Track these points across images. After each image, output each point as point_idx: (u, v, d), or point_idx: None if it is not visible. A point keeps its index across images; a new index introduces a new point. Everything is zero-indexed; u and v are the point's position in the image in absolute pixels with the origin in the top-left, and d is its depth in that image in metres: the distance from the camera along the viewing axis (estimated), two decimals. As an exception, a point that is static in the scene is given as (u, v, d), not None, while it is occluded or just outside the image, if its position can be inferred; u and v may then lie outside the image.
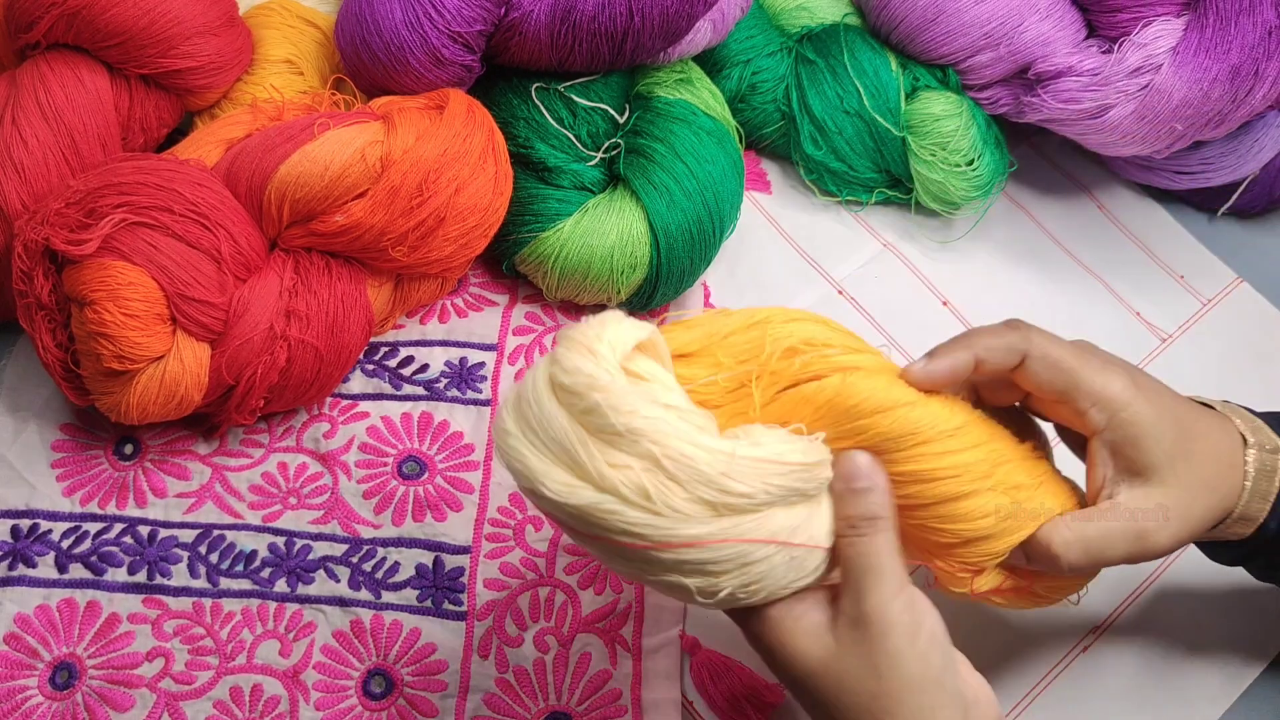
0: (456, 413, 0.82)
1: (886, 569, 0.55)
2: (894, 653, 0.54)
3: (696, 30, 0.83)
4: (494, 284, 0.87)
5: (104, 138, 0.79)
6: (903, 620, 0.54)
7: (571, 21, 0.78)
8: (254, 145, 0.77)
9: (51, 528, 0.76)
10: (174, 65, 0.80)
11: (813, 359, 0.57)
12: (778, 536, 0.54)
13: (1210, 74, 0.82)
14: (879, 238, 0.93)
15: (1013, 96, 0.90)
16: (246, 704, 0.72)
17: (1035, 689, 0.77)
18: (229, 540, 0.77)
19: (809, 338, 0.58)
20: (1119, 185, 0.98)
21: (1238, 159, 0.90)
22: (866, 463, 0.56)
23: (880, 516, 0.56)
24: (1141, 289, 0.93)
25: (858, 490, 0.56)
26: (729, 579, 0.54)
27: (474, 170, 0.77)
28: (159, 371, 0.72)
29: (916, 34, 0.89)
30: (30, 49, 0.80)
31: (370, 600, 0.75)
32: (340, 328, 0.78)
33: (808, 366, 0.57)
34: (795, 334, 0.57)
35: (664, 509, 0.51)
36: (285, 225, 0.77)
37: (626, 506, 0.51)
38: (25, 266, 0.72)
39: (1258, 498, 0.63)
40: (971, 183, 0.90)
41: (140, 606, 0.74)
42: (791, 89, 0.91)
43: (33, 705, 0.71)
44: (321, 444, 0.80)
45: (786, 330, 0.57)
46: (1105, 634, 0.79)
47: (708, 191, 0.82)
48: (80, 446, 0.79)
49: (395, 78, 0.80)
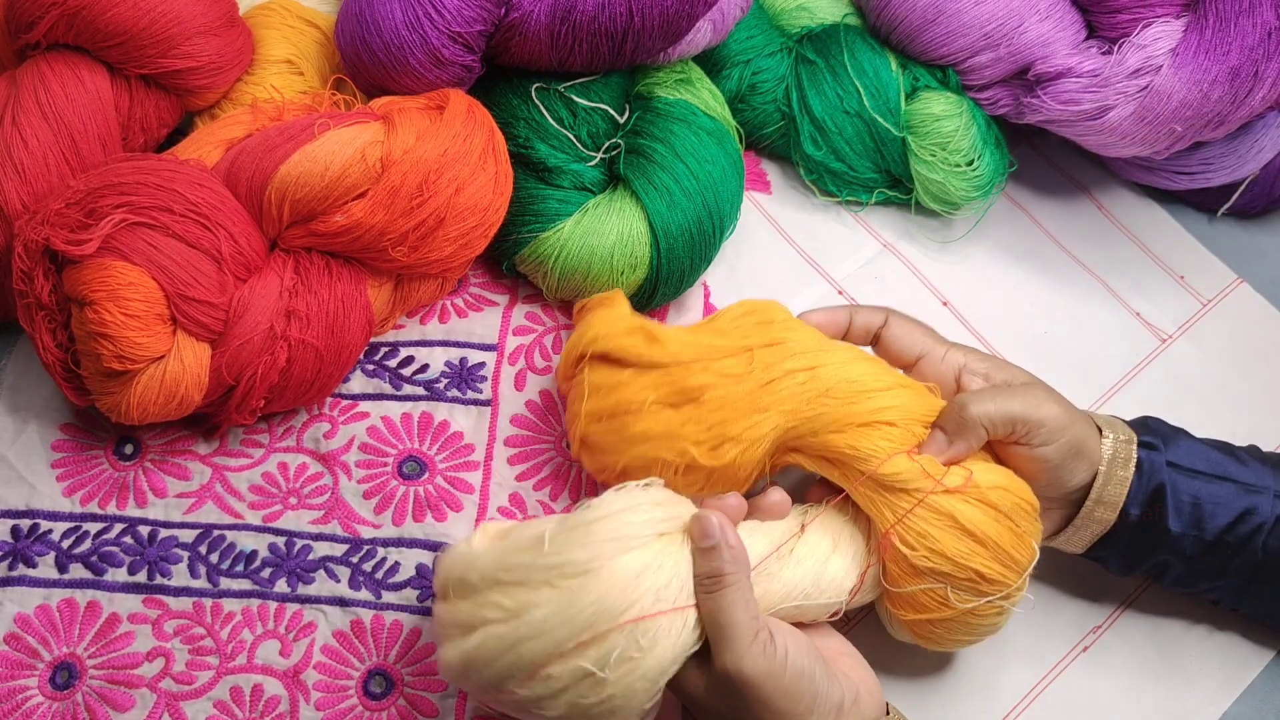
0: (456, 413, 0.82)
1: (737, 624, 0.60)
2: (762, 699, 0.60)
3: (696, 30, 0.83)
4: (494, 284, 0.87)
5: (104, 138, 0.79)
6: (759, 669, 0.60)
7: (571, 21, 0.78)
8: (254, 145, 0.77)
9: (52, 528, 0.76)
10: (174, 65, 0.80)
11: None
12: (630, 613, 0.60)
13: (1210, 75, 0.82)
14: (879, 238, 0.93)
15: (1013, 97, 0.90)
16: (247, 704, 0.72)
17: (1035, 689, 0.77)
18: (229, 540, 0.77)
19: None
20: (1119, 185, 0.98)
21: (1237, 159, 0.90)
22: (715, 522, 0.62)
23: (726, 573, 0.61)
24: (1141, 289, 0.93)
25: (705, 549, 0.61)
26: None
27: (474, 170, 0.77)
28: (159, 371, 0.72)
29: (916, 34, 0.89)
30: (30, 49, 0.80)
31: (370, 600, 0.75)
32: (340, 328, 0.78)
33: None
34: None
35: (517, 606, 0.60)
36: (285, 225, 0.77)
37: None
38: (25, 266, 0.72)
39: (1114, 482, 0.70)
40: (971, 183, 0.90)
41: (140, 606, 0.74)
42: (791, 89, 0.91)
43: (33, 705, 0.71)
44: (322, 444, 0.80)
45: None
46: (1105, 634, 0.79)
47: (708, 191, 0.82)
48: (80, 446, 0.79)
49: (395, 78, 0.80)
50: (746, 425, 0.69)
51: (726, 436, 0.69)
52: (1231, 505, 0.71)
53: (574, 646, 0.58)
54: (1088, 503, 0.70)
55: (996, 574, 0.66)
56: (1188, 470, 0.71)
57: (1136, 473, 0.70)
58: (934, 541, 0.66)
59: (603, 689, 0.59)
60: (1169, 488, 0.70)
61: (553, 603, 0.59)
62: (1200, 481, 0.71)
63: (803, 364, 0.70)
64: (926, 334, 0.74)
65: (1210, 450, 0.73)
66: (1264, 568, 0.71)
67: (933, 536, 0.66)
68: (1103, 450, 0.70)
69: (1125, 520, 0.71)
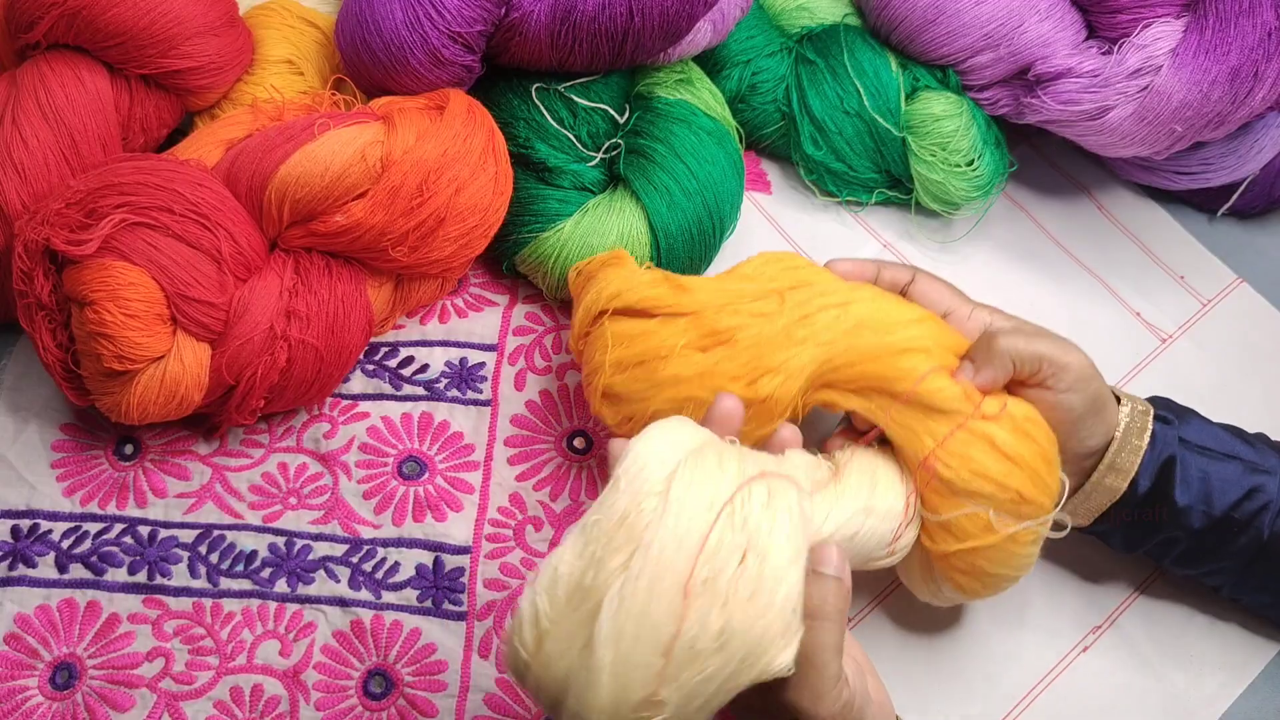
0: (456, 413, 0.82)
1: (825, 664, 0.57)
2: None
3: (696, 30, 0.83)
4: (494, 284, 0.87)
5: (104, 138, 0.79)
6: (831, 713, 0.57)
7: (571, 22, 0.78)
8: (254, 145, 0.77)
9: (51, 528, 0.76)
10: (174, 65, 0.80)
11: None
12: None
13: (1210, 75, 0.82)
14: (879, 238, 0.93)
15: (1013, 97, 0.90)
16: (246, 704, 0.72)
17: (1035, 689, 0.77)
18: (229, 540, 0.77)
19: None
20: (1119, 185, 0.98)
21: (1237, 159, 0.90)
22: (836, 554, 0.58)
23: (830, 608, 0.57)
24: (1141, 289, 0.93)
25: (819, 575, 0.57)
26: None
27: (474, 170, 0.77)
28: (159, 371, 0.72)
29: (916, 34, 0.89)
30: (30, 49, 0.80)
31: (370, 600, 0.75)
32: (340, 328, 0.78)
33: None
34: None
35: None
36: (285, 225, 0.77)
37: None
38: (25, 266, 0.72)
39: (1128, 450, 0.70)
40: (971, 183, 0.90)
41: (140, 606, 0.74)
42: (791, 89, 0.91)
43: (33, 705, 0.71)
44: (322, 444, 0.80)
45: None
46: (1106, 634, 0.79)
47: (708, 192, 0.82)
48: (80, 446, 0.79)
49: (395, 78, 0.80)
50: (785, 357, 0.69)
51: (765, 369, 0.69)
52: (1240, 483, 0.71)
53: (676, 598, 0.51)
54: (1100, 468, 0.71)
55: (1035, 496, 0.66)
56: (1198, 447, 0.72)
57: (1150, 444, 0.71)
58: (975, 463, 0.66)
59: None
60: (1179, 461, 0.71)
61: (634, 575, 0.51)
62: (1210, 459, 0.72)
63: (834, 300, 0.70)
64: (953, 293, 0.75)
65: (1220, 431, 0.74)
66: (1268, 550, 0.72)
67: (974, 459, 0.66)
68: (1120, 417, 0.71)
69: (1134, 491, 0.71)
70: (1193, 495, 0.71)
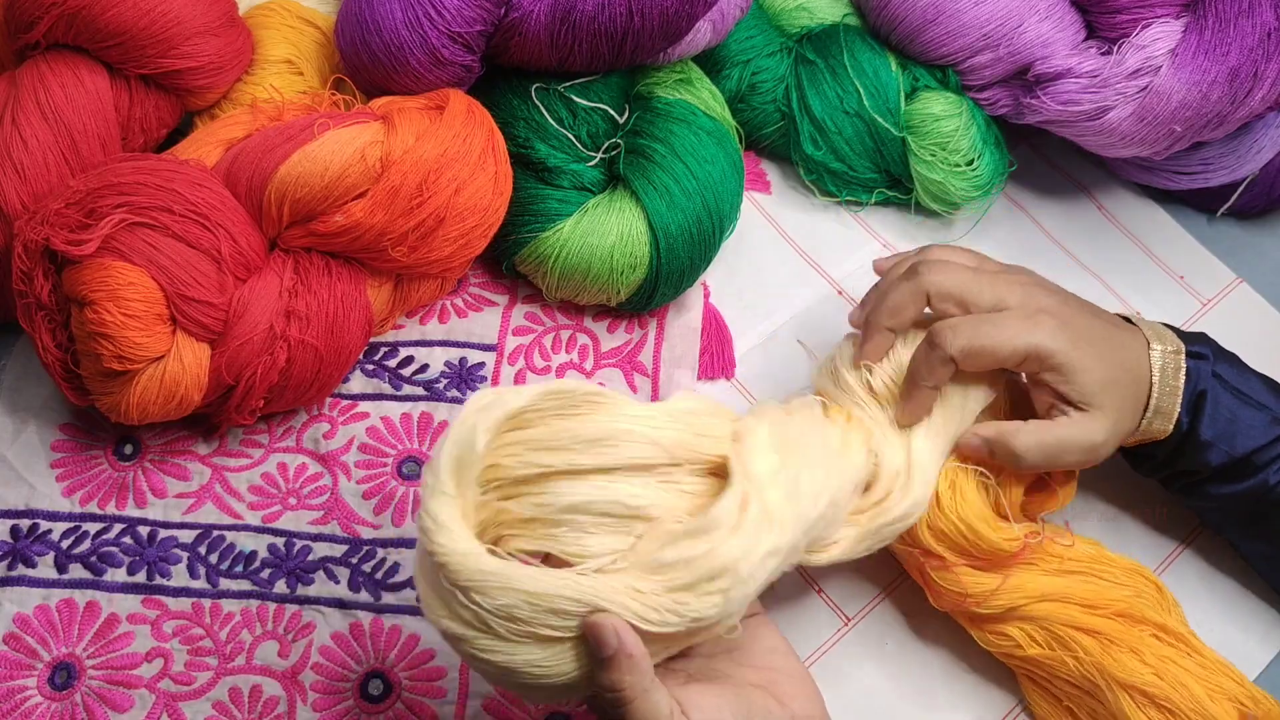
0: (456, 413, 0.81)
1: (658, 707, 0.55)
2: None
3: (696, 30, 0.83)
4: (494, 284, 0.87)
5: (104, 138, 0.79)
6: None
7: (571, 22, 0.78)
8: (254, 145, 0.77)
9: (51, 528, 0.76)
10: (174, 65, 0.80)
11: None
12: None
13: (1209, 76, 0.82)
14: (879, 238, 0.93)
15: (1012, 98, 0.90)
16: (245, 705, 0.72)
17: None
18: (229, 541, 0.77)
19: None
20: (1118, 186, 0.98)
21: (1237, 160, 0.90)
22: (610, 628, 0.55)
23: (625, 688, 0.55)
24: (1141, 289, 0.93)
25: (602, 660, 0.55)
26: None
27: (474, 170, 0.77)
28: (159, 372, 0.72)
29: (916, 34, 0.89)
30: (30, 49, 0.80)
31: (370, 602, 0.75)
32: (340, 328, 0.78)
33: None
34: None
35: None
36: (285, 225, 0.77)
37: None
38: (25, 266, 0.72)
39: (1167, 393, 0.71)
40: (971, 183, 0.90)
41: (140, 607, 0.74)
42: (791, 89, 0.91)
43: (32, 705, 0.71)
44: (321, 444, 0.80)
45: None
46: (1105, 634, 0.79)
47: (708, 191, 0.82)
48: (80, 446, 0.79)
49: (395, 78, 0.80)
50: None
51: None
52: (1267, 431, 0.72)
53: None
54: (1146, 414, 0.71)
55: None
56: (1233, 388, 0.72)
57: (1185, 380, 0.71)
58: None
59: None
60: (1209, 396, 0.71)
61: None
62: (1241, 402, 0.72)
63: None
64: (967, 286, 0.71)
65: (1258, 380, 0.74)
66: (1274, 494, 0.72)
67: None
68: (1152, 365, 0.71)
69: (1178, 430, 0.72)
70: (1217, 432, 0.71)
